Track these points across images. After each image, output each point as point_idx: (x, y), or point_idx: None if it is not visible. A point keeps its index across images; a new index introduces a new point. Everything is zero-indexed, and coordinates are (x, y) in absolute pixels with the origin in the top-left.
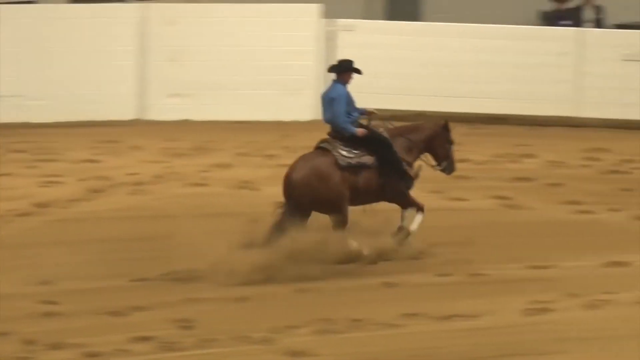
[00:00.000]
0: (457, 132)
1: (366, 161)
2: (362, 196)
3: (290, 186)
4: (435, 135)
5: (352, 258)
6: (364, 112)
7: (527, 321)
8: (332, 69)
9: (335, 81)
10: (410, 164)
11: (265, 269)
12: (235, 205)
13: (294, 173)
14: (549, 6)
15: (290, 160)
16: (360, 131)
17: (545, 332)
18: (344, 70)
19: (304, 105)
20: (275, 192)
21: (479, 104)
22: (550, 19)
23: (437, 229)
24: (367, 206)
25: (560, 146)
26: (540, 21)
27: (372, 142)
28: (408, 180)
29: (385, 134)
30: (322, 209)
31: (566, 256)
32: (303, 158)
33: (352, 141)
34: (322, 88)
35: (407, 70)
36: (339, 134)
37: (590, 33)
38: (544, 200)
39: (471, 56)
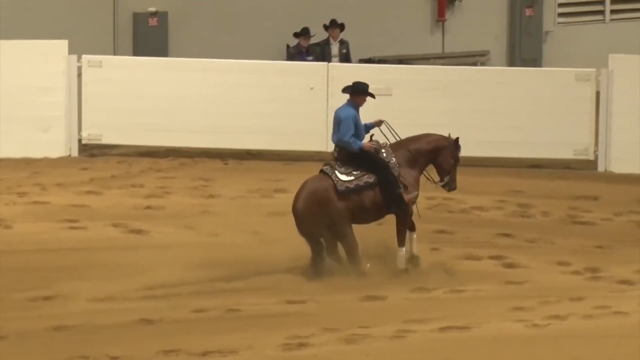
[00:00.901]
0: (208, 168)
1: (367, 180)
2: (368, 214)
3: (295, 216)
4: (442, 148)
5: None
6: (372, 126)
7: (286, 356)
8: (346, 89)
9: (348, 102)
10: (413, 180)
11: None
12: None
13: (297, 203)
14: (295, 41)
15: (42, 197)
16: (367, 144)
17: None
18: (356, 92)
19: (54, 141)
20: (29, 229)
21: (230, 139)
22: (296, 54)
23: (192, 264)
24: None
25: None
26: (286, 56)
27: (370, 163)
28: (400, 204)
29: (386, 152)
30: (327, 234)
31: (323, 290)
32: (304, 185)
33: (352, 162)
34: (73, 125)
35: (155, 106)
36: (341, 155)
37: (337, 68)
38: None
39: (220, 91)
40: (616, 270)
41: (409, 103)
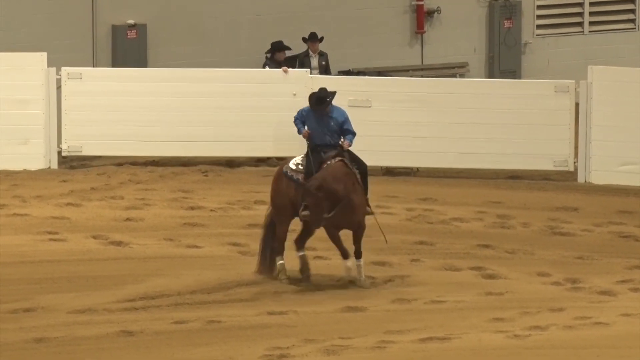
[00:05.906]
0: (188, 179)
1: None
2: (294, 209)
3: None
4: None
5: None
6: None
7: None
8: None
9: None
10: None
11: None
12: None
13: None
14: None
15: (21, 209)
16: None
17: None
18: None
19: (33, 154)
20: (8, 241)
21: (211, 147)
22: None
23: (172, 276)
24: None
25: None
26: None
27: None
28: None
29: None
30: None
31: (303, 302)
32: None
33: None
34: (53, 137)
35: (135, 117)
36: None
37: (318, 79)
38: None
39: (201, 100)
40: (596, 281)
41: (387, 115)
